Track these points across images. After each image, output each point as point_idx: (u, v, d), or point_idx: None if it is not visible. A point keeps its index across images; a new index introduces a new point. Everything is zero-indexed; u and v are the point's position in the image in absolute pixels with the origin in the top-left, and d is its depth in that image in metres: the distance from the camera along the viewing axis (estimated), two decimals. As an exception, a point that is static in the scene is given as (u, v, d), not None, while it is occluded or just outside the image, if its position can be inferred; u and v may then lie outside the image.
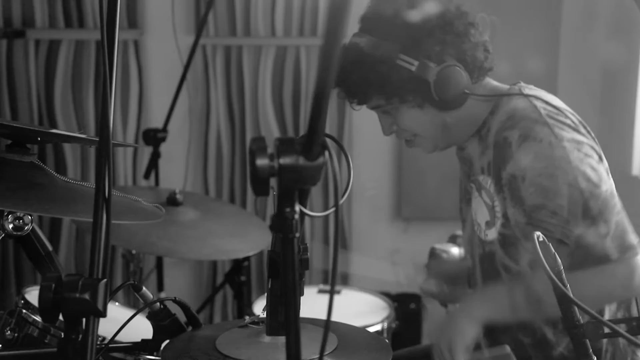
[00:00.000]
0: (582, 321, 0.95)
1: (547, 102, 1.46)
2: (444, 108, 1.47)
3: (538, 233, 0.96)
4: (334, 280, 0.82)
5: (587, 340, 0.95)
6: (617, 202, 1.41)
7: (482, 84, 1.51)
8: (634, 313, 1.50)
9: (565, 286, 0.92)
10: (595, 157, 1.42)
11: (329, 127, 3.02)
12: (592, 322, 0.91)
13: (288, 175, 0.81)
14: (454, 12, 1.47)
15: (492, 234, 1.51)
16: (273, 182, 0.83)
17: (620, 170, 1.42)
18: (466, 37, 1.46)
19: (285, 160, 0.81)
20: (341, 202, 0.79)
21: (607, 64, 2.72)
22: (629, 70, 2.63)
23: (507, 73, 1.59)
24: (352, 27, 1.51)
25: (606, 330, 0.90)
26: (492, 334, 1.49)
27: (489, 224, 1.51)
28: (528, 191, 1.38)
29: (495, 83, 1.56)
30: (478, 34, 1.48)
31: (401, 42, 1.43)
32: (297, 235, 0.83)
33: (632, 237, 1.38)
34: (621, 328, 0.94)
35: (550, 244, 0.97)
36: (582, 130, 1.45)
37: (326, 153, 0.81)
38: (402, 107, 1.49)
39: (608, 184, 1.41)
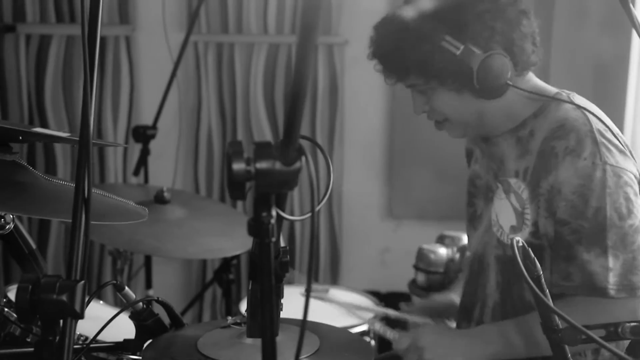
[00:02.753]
0: (560, 326, 0.95)
1: (598, 117, 1.40)
2: (482, 96, 1.42)
3: (517, 238, 0.96)
4: (309, 283, 0.82)
5: (566, 346, 0.95)
6: (637, 240, 1.35)
7: (525, 78, 1.46)
8: None
9: (543, 292, 0.92)
10: (635, 188, 1.38)
11: (321, 125, 3.02)
12: (570, 327, 0.91)
13: (264, 179, 0.81)
14: None
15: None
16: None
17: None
18: (517, 26, 1.39)
19: (261, 165, 0.81)
20: (317, 208, 0.79)
21: (598, 59, 2.71)
22: (620, 65, 2.63)
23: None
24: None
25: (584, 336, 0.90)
26: None
27: (514, 229, 1.45)
28: (560, 204, 1.36)
29: (540, 82, 1.50)
30: (529, 24, 1.42)
31: (448, 22, 1.37)
32: (274, 239, 0.83)
33: (638, 279, 1.33)
34: (599, 333, 0.94)
35: (529, 249, 0.97)
36: (628, 152, 1.40)
37: (303, 158, 0.80)
38: (439, 89, 1.43)
39: (636, 220, 1.35)
